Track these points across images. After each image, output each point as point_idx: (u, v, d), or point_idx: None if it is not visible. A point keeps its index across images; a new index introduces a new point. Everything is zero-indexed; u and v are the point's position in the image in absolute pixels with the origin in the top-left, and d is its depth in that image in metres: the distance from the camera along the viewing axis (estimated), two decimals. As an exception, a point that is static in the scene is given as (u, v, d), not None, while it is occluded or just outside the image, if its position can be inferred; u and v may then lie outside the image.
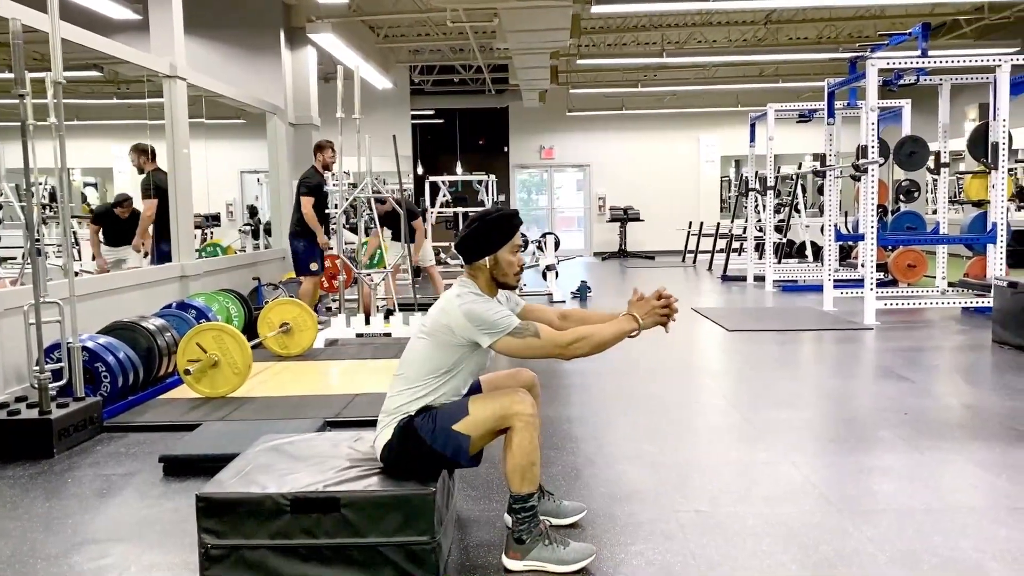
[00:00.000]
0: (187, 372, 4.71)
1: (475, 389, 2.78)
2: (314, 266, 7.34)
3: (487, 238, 2.65)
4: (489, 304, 2.57)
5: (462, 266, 2.72)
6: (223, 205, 14.79)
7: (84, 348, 4.35)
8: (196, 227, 9.21)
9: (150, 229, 7.17)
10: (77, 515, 3.07)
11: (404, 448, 2.53)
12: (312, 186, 7.32)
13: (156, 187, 6.88)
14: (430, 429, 2.52)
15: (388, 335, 6.70)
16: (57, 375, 4.18)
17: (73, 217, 9.27)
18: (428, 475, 2.51)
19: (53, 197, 11.40)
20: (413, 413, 2.57)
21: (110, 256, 7.81)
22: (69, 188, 4.28)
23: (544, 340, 2.54)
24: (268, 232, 11.44)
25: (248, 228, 12.44)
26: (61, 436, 3.86)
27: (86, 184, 16.41)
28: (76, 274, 4.79)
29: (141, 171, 7.08)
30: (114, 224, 7.76)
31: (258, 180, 14.33)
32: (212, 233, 12.78)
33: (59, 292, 4.34)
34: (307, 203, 7.26)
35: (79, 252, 8.42)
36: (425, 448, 2.51)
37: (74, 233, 8.50)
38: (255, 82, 9.27)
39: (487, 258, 2.65)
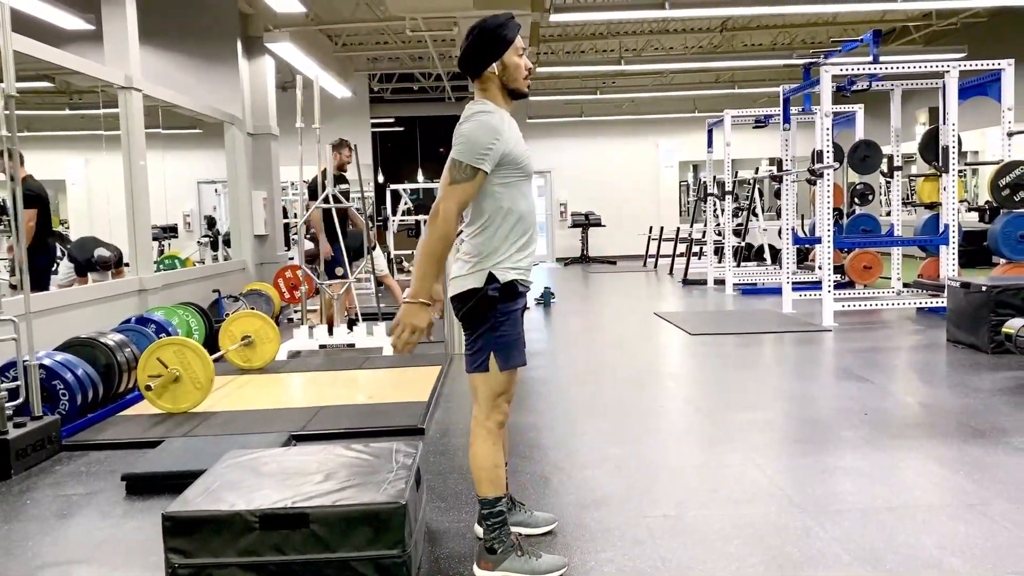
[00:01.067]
0: (148, 388, 4.63)
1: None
2: (339, 271, 7.28)
3: (490, 44, 2.52)
4: (486, 131, 2.44)
5: None
6: (180, 216, 14.59)
7: (41, 366, 4.26)
8: (153, 239, 9.07)
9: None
10: (37, 537, 3.01)
11: (475, 307, 2.50)
12: (310, 191, 7.27)
13: (34, 195, 6.53)
14: (495, 324, 2.50)
15: (352, 346, 6.66)
16: (13, 394, 4.08)
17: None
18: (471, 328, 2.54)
19: (3, 211, 11.17)
20: (500, 280, 2.49)
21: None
22: (22, 202, 4.18)
23: (447, 190, 2.43)
24: (227, 243, 11.30)
25: (207, 239, 12.28)
26: (19, 456, 3.77)
27: (38, 197, 16.05)
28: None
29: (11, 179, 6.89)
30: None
31: (216, 190, 14.16)
32: (169, 245, 12.60)
33: (14, 309, 4.24)
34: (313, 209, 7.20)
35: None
36: (483, 326, 2.50)
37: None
38: (212, 92, 9.17)
39: (494, 65, 2.55)
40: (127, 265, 7.37)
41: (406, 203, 14.37)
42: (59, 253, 8.15)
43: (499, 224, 2.52)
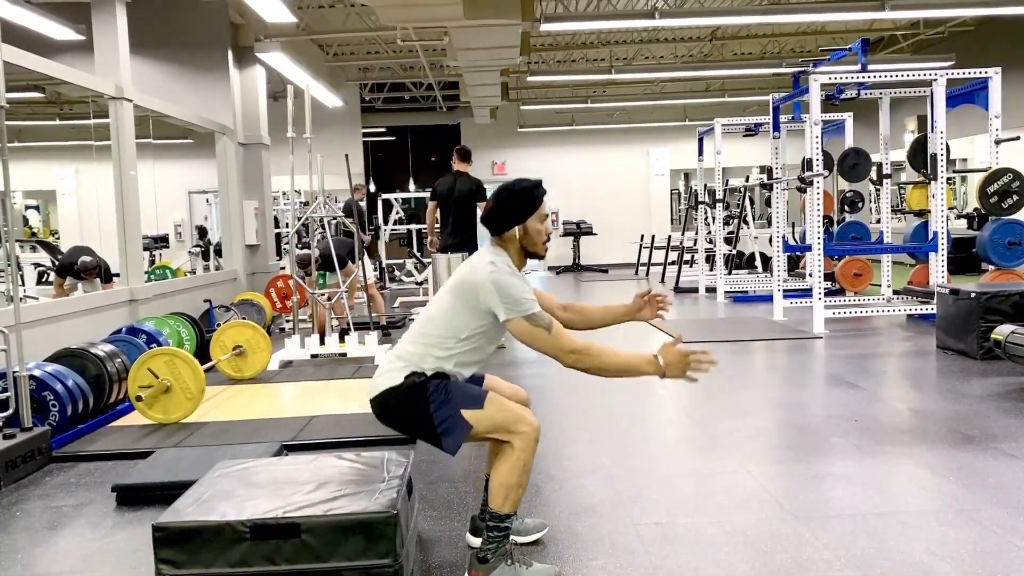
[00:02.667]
0: (139, 398, 4.62)
1: (477, 381, 2.76)
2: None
3: (516, 207, 2.63)
4: (518, 280, 2.56)
5: (418, 284, 2.71)
6: (171, 226, 14.58)
7: (31, 377, 4.25)
8: (144, 249, 9.06)
9: None
10: (27, 549, 2.99)
11: (406, 402, 2.52)
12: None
13: None
14: (440, 401, 2.50)
15: (343, 355, 6.65)
16: (3, 405, 4.07)
17: (17, 241, 9.05)
18: (408, 434, 2.55)
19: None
20: (429, 373, 2.54)
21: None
22: (12, 212, 4.18)
23: (553, 337, 2.51)
24: (219, 253, 11.28)
25: (198, 249, 12.26)
26: (8, 468, 3.76)
27: (28, 207, 16.05)
28: (21, 300, 4.67)
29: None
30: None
31: (207, 200, 14.14)
32: (160, 255, 12.58)
33: (4, 320, 4.23)
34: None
35: (23, 278, 8.25)
36: (426, 414, 2.50)
37: (17, 258, 8.33)
38: (203, 102, 9.17)
39: (516, 228, 2.64)
40: (117, 276, 7.39)
41: (398, 212, 14.37)
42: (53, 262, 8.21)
43: (477, 347, 2.62)
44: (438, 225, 7.43)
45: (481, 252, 2.66)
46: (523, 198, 2.64)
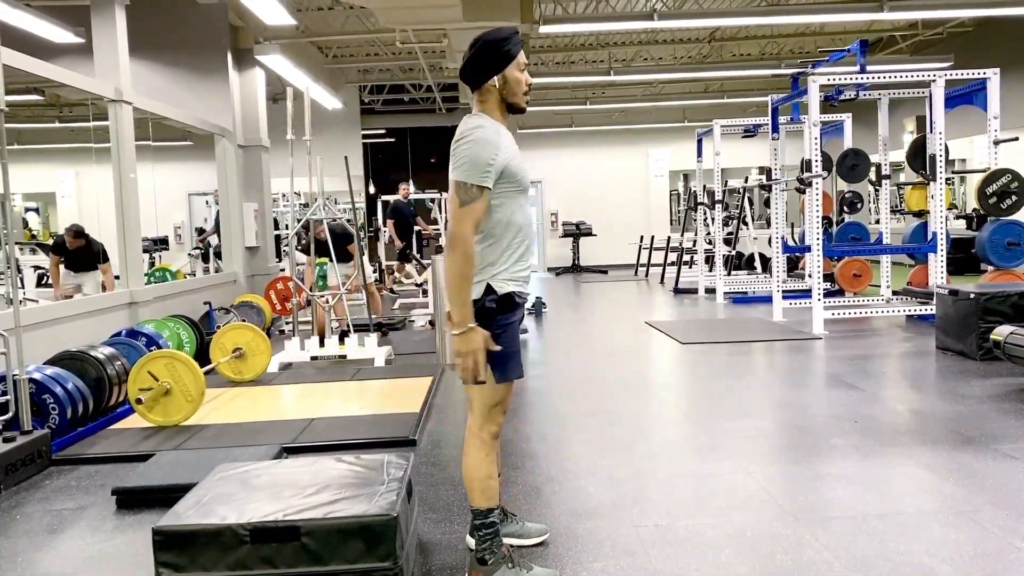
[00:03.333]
0: (139, 401, 4.62)
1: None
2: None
3: (494, 57, 2.50)
4: (487, 149, 2.40)
5: (418, 285, 2.69)
6: (171, 228, 14.57)
7: (31, 380, 4.25)
8: (144, 251, 9.05)
9: None
10: (27, 552, 2.99)
11: (480, 317, 2.46)
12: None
13: None
14: (498, 335, 2.47)
15: (343, 357, 6.65)
16: (3, 408, 4.08)
17: (16, 244, 9.06)
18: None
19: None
20: (495, 303, 2.49)
21: (72, 281, 7.85)
22: (11, 214, 4.18)
23: (460, 211, 2.38)
24: (218, 255, 11.27)
25: (197, 251, 12.25)
26: (8, 471, 3.76)
27: (27, 209, 16.05)
28: (20, 302, 4.67)
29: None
30: (72, 252, 7.80)
31: (207, 202, 14.13)
32: (160, 257, 12.57)
33: (4, 323, 4.23)
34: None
35: (22, 280, 8.27)
36: (493, 335, 2.46)
37: (17, 260, 8.35)
38: (203, 104, 9.17)
39: (495, 78, 2.53)
40: (107, 262, 7.56)
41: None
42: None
43: (497, 236, 2.51)
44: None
45: (466, 118, 2.55)
46: (498, 47, 2.50)
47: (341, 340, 6.81)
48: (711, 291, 11.02)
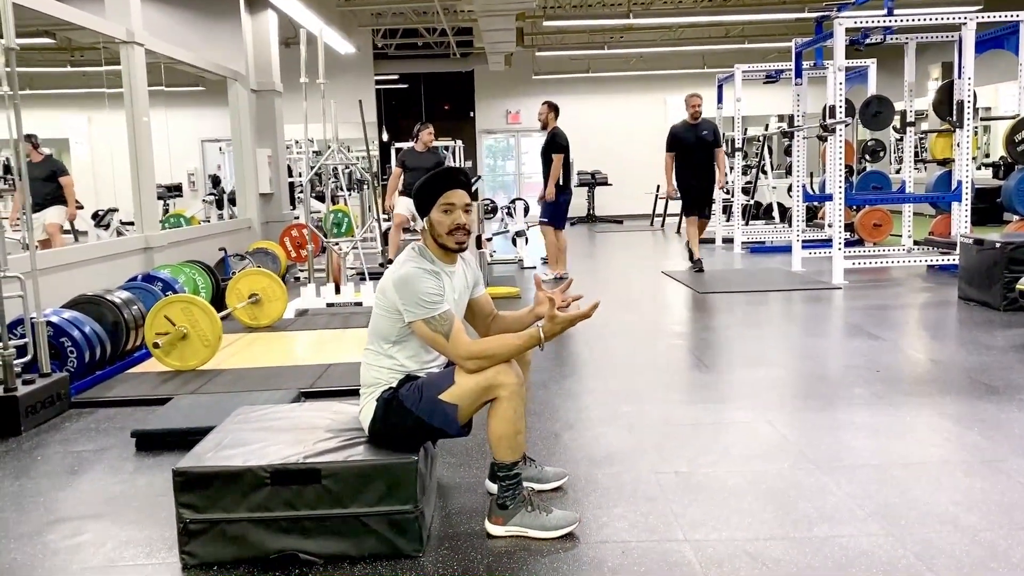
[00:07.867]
0: (156, 345, 4.62)
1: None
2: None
3: (421, 199, 2.58)
4: (424, 281, 2.46)
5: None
6: (185, 175, 14.51)
7: (48, 323, 4.24)
8: (158, 198, 9.01)
9: None
10: (49, 493, 3.01)
11: (390, 420, 2.48)
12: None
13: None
14: (416, 399, 2.47)
15: (359, 304, 6.63)
16: (21, 351, 4.08)
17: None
18: (417, 445, 2.49)
19: (7, 170, 11.10)
20: (395, 384, 2.53)
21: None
22: (25, 160, 4.12)
23: (451, 345, 2.45)
24: (232, 202, 11.22)
25: (212, 198, 12.21)
26: (28, 413, 3.77)
27: (41, 155, 15.98)
28: (36, 246, 4.65)
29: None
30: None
31: (220, 149, 14.04)
32: (174, 204, 12.55)
33: (20, 266, 4.21)
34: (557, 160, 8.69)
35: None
36: (412, 419, 2.46)
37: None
38: (215, 48, 9.03)
39: (425, 219, 2.59)
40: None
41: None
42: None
43: (403, 356, 2.56)
44: None
45: (406, 250, 2.62)
46: (426, 189, 2.57)
47: (357, 287, 6.79)
48: (728, 241, 10.91)
